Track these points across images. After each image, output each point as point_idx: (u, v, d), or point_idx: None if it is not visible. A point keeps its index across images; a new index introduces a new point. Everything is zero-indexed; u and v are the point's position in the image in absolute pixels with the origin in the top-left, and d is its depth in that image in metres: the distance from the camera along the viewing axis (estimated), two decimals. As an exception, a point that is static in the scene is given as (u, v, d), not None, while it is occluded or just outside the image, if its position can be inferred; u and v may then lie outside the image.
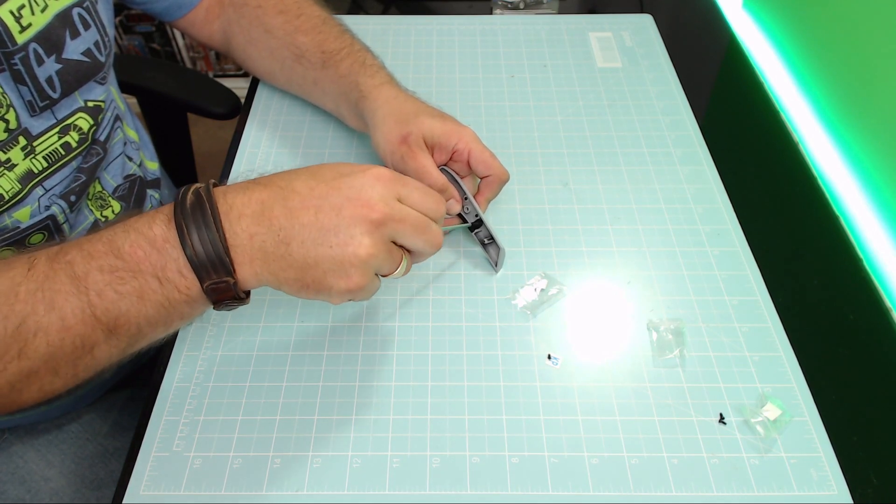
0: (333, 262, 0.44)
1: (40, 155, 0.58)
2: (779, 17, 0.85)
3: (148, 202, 0.73)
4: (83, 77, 0.60)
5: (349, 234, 0.44)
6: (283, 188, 0.45)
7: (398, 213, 0.45)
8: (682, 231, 0.66)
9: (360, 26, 0.90)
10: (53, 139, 0.58)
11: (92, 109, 0.61)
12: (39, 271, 0.42)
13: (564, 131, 0.76)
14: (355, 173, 0.46)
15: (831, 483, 0.49)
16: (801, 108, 0.78)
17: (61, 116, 0.59)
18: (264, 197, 0.44)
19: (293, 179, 0.45)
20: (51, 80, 0.57)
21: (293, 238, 0.43)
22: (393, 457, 0.51)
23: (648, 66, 0.85)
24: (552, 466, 0.50)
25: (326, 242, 0.44)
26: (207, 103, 0.95)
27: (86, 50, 0.60)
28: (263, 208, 0.44)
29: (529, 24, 0.91)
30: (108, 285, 0.42)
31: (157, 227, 0.43)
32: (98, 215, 0.66)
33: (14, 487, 0.66)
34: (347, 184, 0.45)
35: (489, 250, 0.63)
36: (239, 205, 0.44)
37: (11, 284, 0.42)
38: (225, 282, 0.43)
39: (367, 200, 0.44)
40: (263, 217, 0.44)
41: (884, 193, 0.64)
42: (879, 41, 0.65)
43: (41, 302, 0.41)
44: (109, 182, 0.68)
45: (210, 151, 1.66)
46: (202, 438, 0.51)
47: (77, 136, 0.60)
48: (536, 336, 0.58)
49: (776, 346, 0.57)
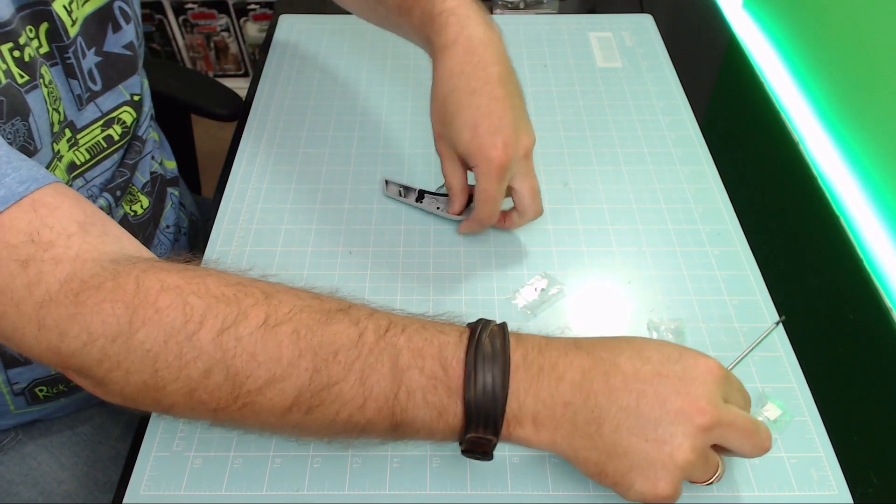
0: (645, 458, 0.39)
1: (83, 147, 0.58)
2: (779, 17, 0.85)
3: (168, 199, 0.74)
4: (125, 70, 0.61)
5: (670, 431, 0.39)
6: (605, 360, 0.41)
7: (727, 417, 0.40)
8: (683, 231, 0.66)
9: (359, 26, 0.90)
10: (97, 132, 0.59)
11: (136, 104, 0.62)
12: (367, 343, 0.40)
13: (564, 131, 0.76)
14: (686, 361, 0.41)
15: (831, 483, 0.49)
16: (801, 108, 0.78)
17: (106, 109, 0.59)
18: (586, 366, 0.41)
19: (618, 354, 0.41)
20: (91, 73, 0.58)
21: (607, 419, 0.40)
22: (393, 457, 0.50)
23: (648, 66, 0.85)
24: (552, 466, 0.50)
25: (643, 434, 0.39)
26: (210, 104, 0.95)
27: (128, 43, 0.60)
28: (584, 379, 0.40)
29: (529, 24, 0.91)
30: (421, 390, 0.40)
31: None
32: (128, 209, 0.67)
33: (27, 489, 0.67)
34: (677, 374, 0.40)
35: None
36: (561, 368, 0.41)
37: (335, 343, 0.40)
38: (486, 439, 0.41)
39: (696, 398, 0.39)
40: (582, 389, 0.40)
41: (884, 193, 0.64)
42: (879, 41, 0.65)
43: (356, 375, 0.39)
44: (139, 178, 0.69)
45: (210, 151, 1.66)
46: (202, 438, 0.51)
47: (120, 130, 0.61)
48: (536, 336, 0.58)
49: (776, 346, 0.57)
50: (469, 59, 0.55)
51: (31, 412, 0.67)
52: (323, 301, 0.42)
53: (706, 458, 0.40)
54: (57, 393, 0.66)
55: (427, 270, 0.62)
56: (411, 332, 0.41)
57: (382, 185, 0.69)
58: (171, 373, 0.38)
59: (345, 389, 0.39)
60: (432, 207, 0.65)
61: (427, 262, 0.63)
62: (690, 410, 0.39)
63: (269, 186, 0.70)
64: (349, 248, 0.64)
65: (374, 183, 0.70)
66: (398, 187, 0.68)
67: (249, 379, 0.38)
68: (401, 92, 0.81)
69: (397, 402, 0.40)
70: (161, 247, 0.72)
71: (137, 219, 0.68)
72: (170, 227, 0.74)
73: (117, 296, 0.38)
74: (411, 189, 0.67)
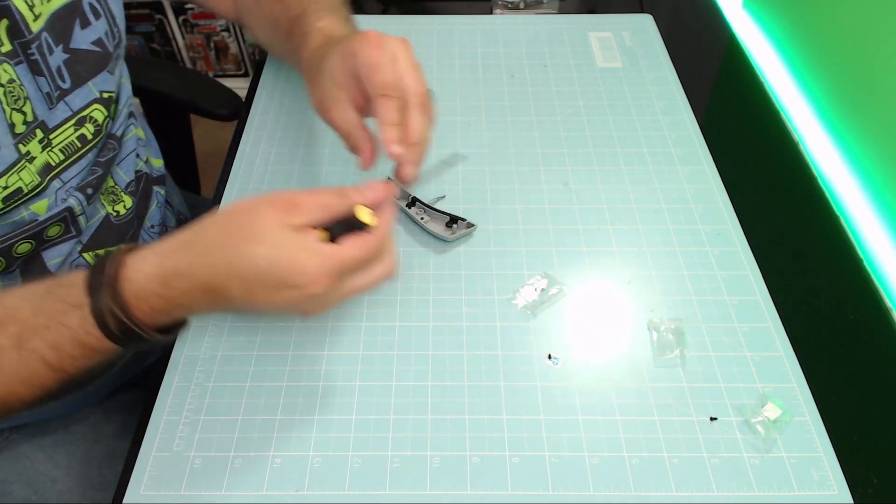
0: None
1: (57, 147, 0.58)
2: (779, 17, 0.85)
3: (154, 198, 0.74)
4: (95, 67, 0.60)
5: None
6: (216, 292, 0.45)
7: (342, 299, 0.46)
8: (683, 231, 0.66)
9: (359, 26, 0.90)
10: (69, 131, 0.59)
11: (106, 101, 0.62)
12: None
13: (564, 131, 0.76)
14: (289, 290, 0.44)
15: (831, 483, 0.49)
16: (801, 108, 0.78)
17: (77, 108, 0.59)
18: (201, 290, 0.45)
19: (229, 287, 0.44)
20: (60, 70, 0.57)
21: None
22: (393, 457, 0.51)
23: (648, 66, 0.85)
24: (552, 466, 0.50)
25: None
26: (210, 104, 0.95)
27: (96, 39, 0.60)
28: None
29: (529, 24, 0.91)
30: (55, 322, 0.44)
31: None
32: (110, 209, 0.66)
33: (21, 488, 0.66)
34: (286, 302, 0.44)
35: (430, 227, 0.64)
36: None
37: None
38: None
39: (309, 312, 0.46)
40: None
41: (884, 193, 0.64)
42: (879, 41, 0.65)
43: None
44: (122, 177, 0.68)
45: (210, 151, 1.66)
46: (202, 438, 0.51)
47: (92, 128, 0.60)
48: (537, 336, 0.58)
49: (776, 346, 0.57)
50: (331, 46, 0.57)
51: (20, 415, 0.67)
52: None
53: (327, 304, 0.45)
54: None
55: (427, 270, 0.62)
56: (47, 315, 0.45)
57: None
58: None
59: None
60: (417, 217, 0.66)
61: (427, 261, 0.63)
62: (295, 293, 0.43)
63: (269, 186, 0.70)
64: (349, 248, 0.64)
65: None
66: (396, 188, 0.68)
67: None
68: (401, 92, 0.81)
69: (55, 364, 0.45)
70: None
71: (120, 219, 0.67)
72: (154, 227, 0.73)
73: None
74: (406, 193, 0.67)
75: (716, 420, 0.52)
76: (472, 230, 0.65)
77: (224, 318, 0.59)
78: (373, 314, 0.59)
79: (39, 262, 0.60)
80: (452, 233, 0.64)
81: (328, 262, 0.43)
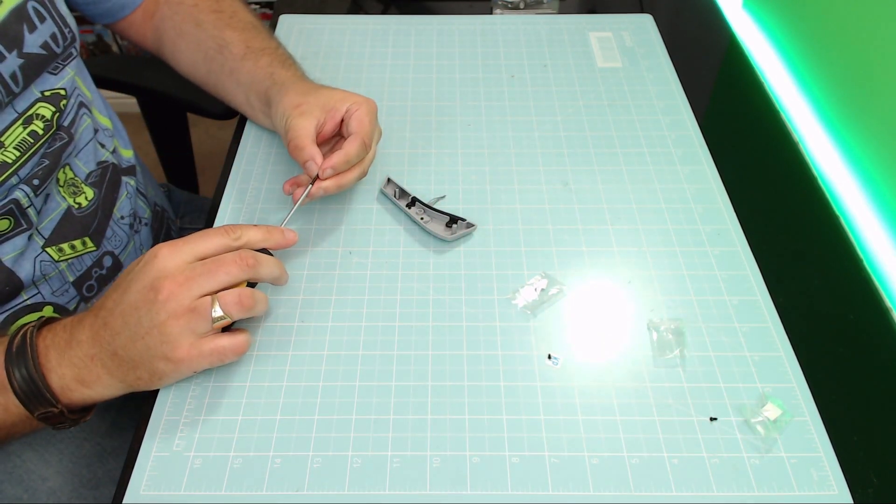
0: (151, 346, 0.49)
1: (11, 147, 0.58)
2: (779, 17, 0.85)
3: (123, 189, 0.73)
4: (39, 69, 0.61)
5: (146, 323, 0.48)
6: (100, 316, 0.51)
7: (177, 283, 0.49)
8: (683, 231, 0.66)
9: (359, 26, 0.90)
10: (19, 130, 0.59)
11: (50, 98, 0.62)
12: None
13: (564, 131, 0.76)
14: (137, 276, 0.50)
15: (831, 483, 0.49)
16: (801, 108, 0.78)
17: (21, 109, 0.60)
18: (89, 323, 0.51)
19: (107, 305, 0.51)
20: (14, 75, 0.58)
21: (118, 348, 0.50)
22: (393, 457, 0.51)
23: (648, 66, 0.85)
24: (552, 466, 0.50)
25: (138, 337, 0.49)
26: (207, 103, 0.95)
27: (43, 43, 0.61)
28: (93, 333, 0.51)
29: (529, 24, 0.91)
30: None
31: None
32: (71, 202, 0.66)
33: (11, 487, 0.66)
34: (139, 280, 0.50)
35: (430, 227, 0.65)
36: (77, 333, 0.51)
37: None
38: (51, 411, 0.50)
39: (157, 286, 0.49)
40: (96, 340, 0.50)
41: (884, 193, 0.64)
42: (880, 41, 0.65)
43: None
44: (81, 168, 0.68)
45: (210, 151, 1.66)
46: (202, 438, 0.51)
47: (42, 124, 0.61)
48: (536, 336, 0.58)
49: (776, 346, 0.57)
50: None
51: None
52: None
53: (192, 310, 0.48)
54: None
55: (427, 270, 0.62)
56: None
57: (384, 181, 0.69)
58: None
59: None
60: (417, 217, 0.65)
61: (427, 262, 0.63)
62: (151, 299, 0.48)
63: (269, 186, 0.70)
64: (349, 248, 0.64)
65: (374, 183, 0.70)
66: (395, 188, 0.68)
67: None
68: (400, 92, 0.81)
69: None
70: (116, 238, 0.71)
71: (83, 211, 0.67)
72: (125, 218, 0.73)
73: None
74: (406, 193, 0.67)
75: (716, 420, 0.52)
76: (472, 230, 0.65)
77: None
78: (373, 314, 0.59)
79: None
80: (452, 233, 0.64)
81: (173, 248, 0.50)
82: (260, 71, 0.69)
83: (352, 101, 0.64)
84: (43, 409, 0.50)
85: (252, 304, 0.51)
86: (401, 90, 0.81)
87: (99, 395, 0.51)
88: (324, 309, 0.60)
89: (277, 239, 0.55)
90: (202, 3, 0.76)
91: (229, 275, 0.50)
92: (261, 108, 0.71)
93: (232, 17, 0.74)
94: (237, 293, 0.50)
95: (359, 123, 0.63)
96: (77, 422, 0.52)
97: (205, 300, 0.49)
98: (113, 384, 0.51)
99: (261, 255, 0.52)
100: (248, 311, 0.51)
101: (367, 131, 0.63)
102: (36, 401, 0.49)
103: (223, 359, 0.51)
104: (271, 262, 0.53)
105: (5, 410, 0.50)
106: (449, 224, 0.65)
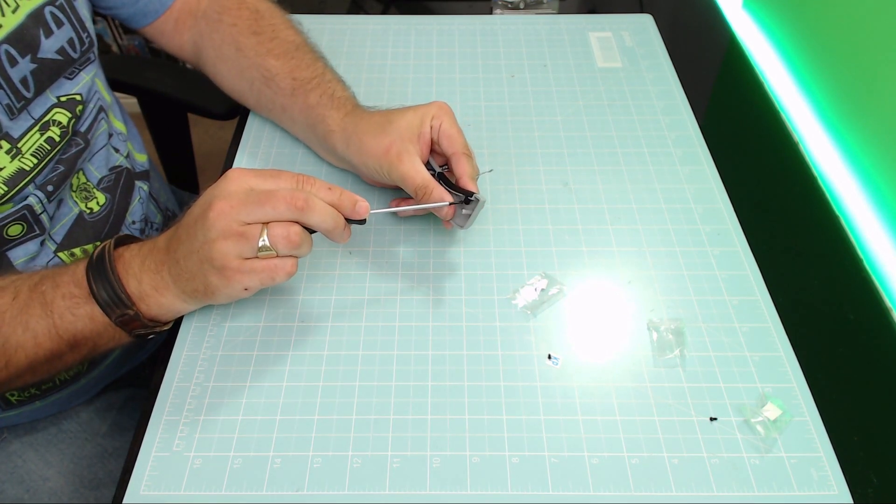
0: (204, 258, 0.50)
1: (28, 154, 0.58)
2: (779, 17, 0.85)
3: (136, 194, 0.73)
4: (54, 75, 0.60)
5: (201, 237, 0.50)
6: (169, 236, 0.53)
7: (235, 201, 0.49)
8: (682, 231, 0.66)
9: (359, 26, 0.90)
10: (36, 137, 0.59)
11: (67, 104, 0.62)
12: (21, 300, 0.52)
13: (564, 131, 0.76)
14: (207, 192, 0.51)
15: (831, 483, 0.49)
16: (801, 108, 0.78)
17: (38, 115, 0.59)
18: (161, 244, 0.53)
19: (177, 229, 0.53)
20: (25, 80, 0.58)
21: (181, 258, 0.51)
22: (393, 457, 0.51)
23: (648, 66, 0.85)
24: (552, 466, 0.50)
25: (194, 249, 0.50)
26: (207, 103, 0.95)
27: (59, 48, 0.60)
28: (166, 246, 0.53)
29: (529, 24, 0.91)
30: (68, 310, 0.51)
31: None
32: (83, 207, 0.66)
33: (13, 487, 0.66)
34: (205, 196, 0.51)
35: (461, 211, 0.61)
36: (150, 246, 0.54)
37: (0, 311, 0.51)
38: (127, 313, 0.52)
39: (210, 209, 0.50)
40: (168, 252, 0.52)
41: (884, 193, 0.64)
42: (880, 41, 0.65)
43: (20, 325, 0.51)
44: (94, 173, 0.68)
45: (210, 151, 1.66)
46: (202, 438, 0.51)
47: (59, 131, 0.61)
48: (536, 336, 0.58)
49: (776, 346, 0.57)
50: (368, 110, 0.67)
51: (7, 416, 0.67)
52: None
53: (240, 234, 0.49)
54: (30, 397, 0.66)
55: (427, 270, 0.62)
56: (57, 273, 0.53)
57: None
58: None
59: (19, 338, 0.51)
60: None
61: (427, 262, 0.63)
62: (205, 216, 0.49)
63: (268, 186, 0.70)
64: (349, 248, 0.64)
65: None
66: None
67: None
68: (400, 92, 0.81)
69: (57, 328, 0.51)
70: None
71: (94, 216, 0.67)
72: (136, 223, 0.73)
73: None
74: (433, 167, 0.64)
75: (716, 420, 0.52)
76: (483, 204, 0.60)
77: (224, 318, 0.59)
78: (373, 314, 0.59)
79: (6, 261, 0.61)
80: (468, 214, 0.60)
81: (241, 174, 0.50)
82: (312, 113, 0.67)
83: (429, 116, 0.61)
84: (120, 312, 0.51)
85: (298, 242, 0.49)
86: (401, 90, 0.81)
87: (170, 303, 0.53)
88: (324, 309, 0.60)
89: (345, 204, 0.51)
90: (241, 23, 0.71)
91: (276, 210, 0.48)
92: (320, 149, 0.70)
93: (273, 41, 0.70)
94: (286, 227, 0.49)
95: (450, 141, 0.61)
96: (154, 329, 0.54)
97: (254, 227, 0.48)
98: (178, 294, 0.52)
99: (316, 201, 0.49)
100: (293, 248, 0.49)
101: (461, 143, 0.61)
102: (113, 304, 0.51)
103: (274, 276, 0.50)
104: (325, 211, 0.50)
105: (91, 320, 0.52)
106: (466, 200, 0.60)
